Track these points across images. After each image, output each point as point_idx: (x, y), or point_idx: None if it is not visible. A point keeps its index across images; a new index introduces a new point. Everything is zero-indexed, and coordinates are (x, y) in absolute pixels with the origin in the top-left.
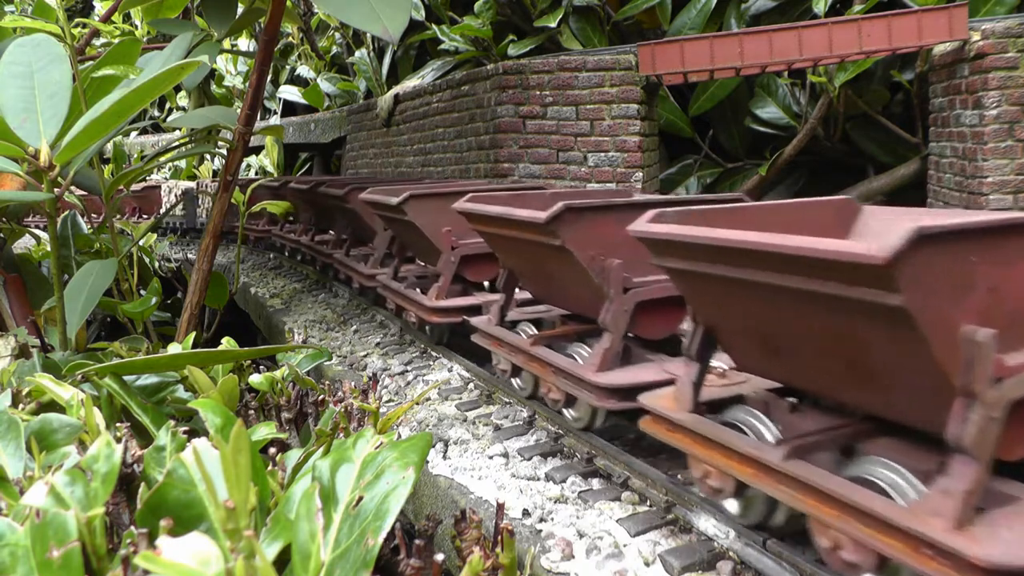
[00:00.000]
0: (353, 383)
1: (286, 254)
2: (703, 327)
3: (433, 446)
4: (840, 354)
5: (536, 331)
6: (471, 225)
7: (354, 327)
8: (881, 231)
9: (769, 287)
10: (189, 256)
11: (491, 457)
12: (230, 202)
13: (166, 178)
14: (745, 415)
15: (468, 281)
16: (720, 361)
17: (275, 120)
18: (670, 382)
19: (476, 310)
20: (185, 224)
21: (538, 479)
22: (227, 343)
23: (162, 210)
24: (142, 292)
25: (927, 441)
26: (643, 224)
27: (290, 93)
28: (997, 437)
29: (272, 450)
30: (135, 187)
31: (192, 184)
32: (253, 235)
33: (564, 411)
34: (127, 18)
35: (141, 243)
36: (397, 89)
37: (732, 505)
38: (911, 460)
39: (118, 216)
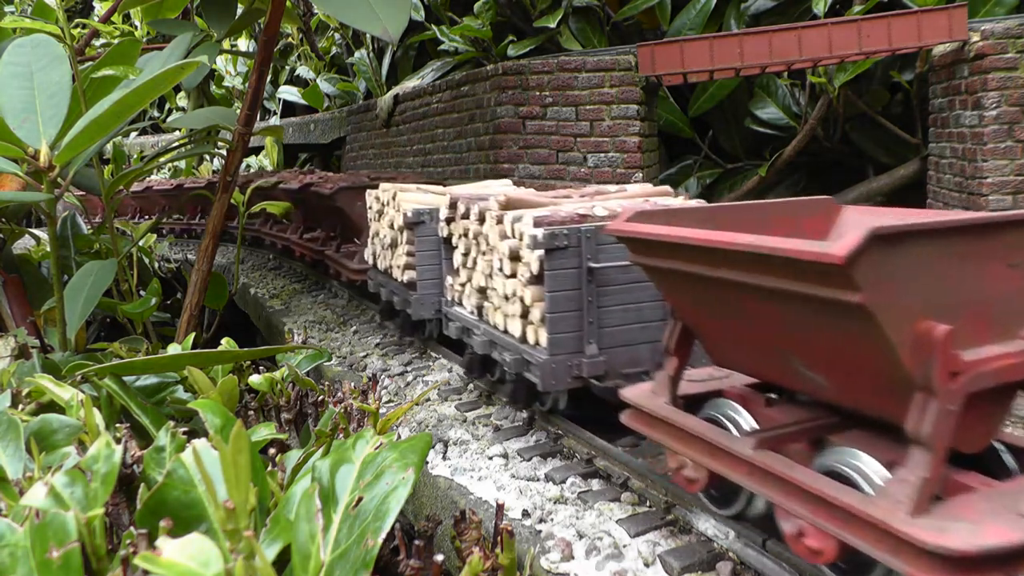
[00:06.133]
0: (353, 384)
1: None
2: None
3: (433, 447)
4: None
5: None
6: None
7: (354, 328)
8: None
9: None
10: (189, 256)
11: (491, 458)
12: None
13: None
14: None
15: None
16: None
17: (275, 120)
18: None
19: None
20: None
21: (538, 480)
22: (227, 344)
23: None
24: (142, 293)
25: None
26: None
27: (290, 94)
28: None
29: (272, 451)
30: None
31: (424, 204)
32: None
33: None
34: (127, 18)
35: (141, 243)
36: (397, 90)
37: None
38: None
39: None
